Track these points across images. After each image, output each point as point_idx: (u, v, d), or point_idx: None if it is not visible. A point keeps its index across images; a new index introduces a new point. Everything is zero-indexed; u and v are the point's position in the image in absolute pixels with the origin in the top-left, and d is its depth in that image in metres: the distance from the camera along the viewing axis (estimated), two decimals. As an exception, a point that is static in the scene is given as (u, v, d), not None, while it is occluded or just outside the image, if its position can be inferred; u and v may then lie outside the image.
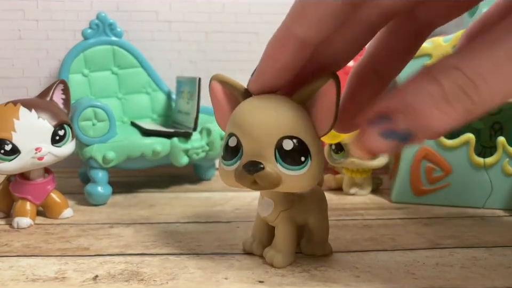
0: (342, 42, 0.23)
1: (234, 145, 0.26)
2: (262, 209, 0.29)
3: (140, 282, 0.27)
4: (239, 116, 0.26)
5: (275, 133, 0.25)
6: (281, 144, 0.25)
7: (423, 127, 0.19)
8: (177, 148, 0.44)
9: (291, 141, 0.25)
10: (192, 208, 0.42)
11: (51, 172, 0.39)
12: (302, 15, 0.21)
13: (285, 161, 0.25)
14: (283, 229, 0.29)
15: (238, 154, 0.26)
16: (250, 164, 0.25)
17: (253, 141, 0.25)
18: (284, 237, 0.29)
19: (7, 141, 0.34)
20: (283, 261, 0.29)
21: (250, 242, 0.31)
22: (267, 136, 0.25)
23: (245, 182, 0.25)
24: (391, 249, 0.32)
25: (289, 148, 0.24)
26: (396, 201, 0.43)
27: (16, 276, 0.27)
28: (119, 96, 0.54)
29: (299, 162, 0.25)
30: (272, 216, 0.29)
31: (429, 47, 0.40)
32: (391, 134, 0.19)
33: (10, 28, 0.55)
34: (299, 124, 0.25)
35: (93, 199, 0.42)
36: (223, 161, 0.27)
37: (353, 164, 0.44)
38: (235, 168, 0.26)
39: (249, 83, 0.26)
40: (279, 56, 0.23)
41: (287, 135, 0.25)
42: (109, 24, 0.52)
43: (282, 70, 0.24)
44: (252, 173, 0.25)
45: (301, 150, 0.25)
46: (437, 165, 0.41)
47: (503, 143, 0.40)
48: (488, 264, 0.29)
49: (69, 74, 0.50)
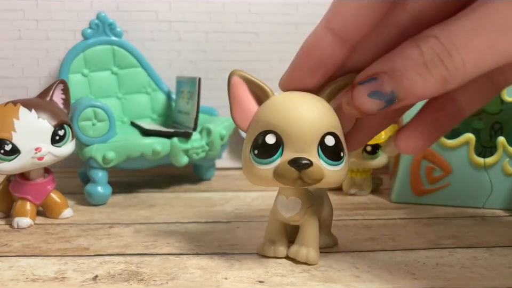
0: (373, 45, 0.23)
1: (273, 143, 0.25)
2: (287, 209, 0.29)
3: (140, 282, 0.27)
4: (278, 113, 0.25)
5: (319, 129, 0.25)
6: (323, 140, 0.25)
7: (405, 90, 0.21)
8: (177, 148, 0.44)
9: (332, 137, 0.25)
10: (192, 208, 0.42)
11: (51, 172, 0.39)
12: (340, 11, 0.22)
13: (327, 157, 0.25)
14: (312, 225, 0.29)
15: (277, 151, 0.25)
16: (298, 160, 0.25)
17: (298, 137, 0.25)
18: (313, 233, 0.29)
19: (7, 141, 0.34)
20: (317, 257, 0.29)
21: (270, 247, 0.30)
22: (312, 132, 0.25)
23: (289, 179, 0.25)
24: (391, 249, 0.32)
25: (331, 144, 0.25)
26: (396, 201, 0.43)
27: (16, 276, 0.27)
28: (119, 96, 0.53)
29: (339, 157, 0.25)
30: (299, 214, 0.29)
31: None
32: (378, 94, 0.21)
33: (10, 28, 0.55)
34: (336, 120, 0.26)
35: (93, 199, 0.42)
36: (256, 159, 0.26)
37: (353, 164, 0.44)
38: (276, 165, 0.25)
39: (282, 79, 0.26)
40: (316, 52, 0.23)
41: (329, 131, 0.25)
42: (108, 24, 0.52)
43: (318, 66, 0.24)
44: (301, 169, 0.25)
45: (340, 145, 0.26)
46: (437, 165, 0.41)
47: (503, 143, 0.40)
48: (489, 264, 0.29)
49: (68, 74, 0.50)
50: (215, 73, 0.57)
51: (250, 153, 0.26)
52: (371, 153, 0.44)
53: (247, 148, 0.26)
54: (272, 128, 0.25)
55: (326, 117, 0.25)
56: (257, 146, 0.26)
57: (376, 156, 0.44)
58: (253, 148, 0.26)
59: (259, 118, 0.26)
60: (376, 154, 0.44)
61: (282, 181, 0.25)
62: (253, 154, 0.26)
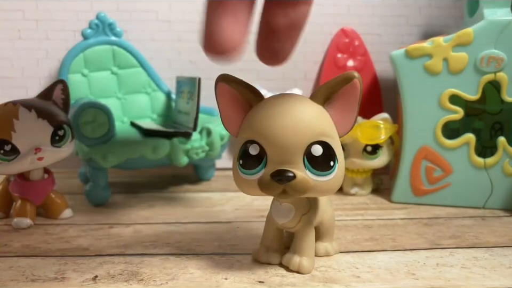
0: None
1: (256, 154, 0.24)
2: (280, 215, 0.28)
3: (140, 283, 0.27)
4: (261, 122, 0.24)
5: (304, 139, 0.23)
6: (310, 150, 0.23)
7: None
8: (177, 148, 0.44)
9: (320, 146, 0.24)
10: (192, 208, 0.42)
11: (51, 172, 0.39)
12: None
13: (314, 168, 0.24)
14: (306, 233, 0.28)
15: (261, 162, 0.24)
16: (280, 173, 0.23)
17: (280, 148, 0.23)
18: (307, 241, 0.28)
19: (7, 141, 0.34)
20: (310, 266, 0.28)
21: (264, 253, 0.29)
22: (295, 143, 0.23)
23: (273, 192, 0.24)
24: (392, 249, 0.32)
25: (319, 154, 0.24)
26: (396, 201, 0.43)
27: (15, 276, 0.27)
28: (118, 96, 0.53)
29: (328, 167, 0.24)
30: (293, 221, 0.28)
31: (429, 47, 0.39)
32: None
33: (10, 28, 0.54)
34: (325, 127, 0.24)
35: (93, 199, 0.42)
36: (241, 169, 0.25)
37: (353, 164, 0.44)
38: (259, 177, 0.24)
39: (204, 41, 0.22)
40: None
41: (315, 140, 0.24)
42: (108, 24, 0.52)
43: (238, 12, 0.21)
44: (283, 182, 0.23)
45: (330, 154, 0.24)
46: (437, 165, 0.41)
47: (503, 143, 0.40)
48: (489, 264, 0.29)
49: (68, 74, 0.50)
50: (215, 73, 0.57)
51: (237, 162, 0.25)
52: (371, 153, 0.44)
53: (235, 156, 0.26)
54: (255, 139, 0.24)
55: (314, 125, 0.24)
56: (241, 156, 0.25)
57: (376, 156, 0.44)
58: (239, 157, 0.25)
59: (245, 125, 0.25)
60: (376, 155, 0.44)
61: (267, 192, 0.24)
62: (239, 164, 0.25)
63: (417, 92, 0.40)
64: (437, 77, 0.40)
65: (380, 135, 0.43)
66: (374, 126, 0.43)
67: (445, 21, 0.58)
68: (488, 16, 0.39)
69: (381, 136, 0.43)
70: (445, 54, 0.39)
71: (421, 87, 0.40)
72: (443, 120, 0.40)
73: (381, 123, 0.43)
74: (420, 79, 0.40)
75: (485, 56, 0.39)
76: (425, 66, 0.40)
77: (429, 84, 0.40)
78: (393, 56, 0.41)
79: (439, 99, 0.40)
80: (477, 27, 0.39)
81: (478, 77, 0.39)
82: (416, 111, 0.41)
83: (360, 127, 0.43)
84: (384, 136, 0.43)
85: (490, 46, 0.39)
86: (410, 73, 0.40)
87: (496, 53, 0.38)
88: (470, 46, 0.39)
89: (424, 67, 0.40)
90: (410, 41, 0.56)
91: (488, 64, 0.39)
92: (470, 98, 0.40)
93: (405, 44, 0.50)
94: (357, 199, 0.45)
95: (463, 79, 0.39)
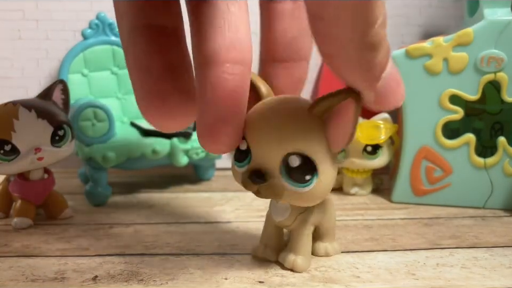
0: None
1: (244, 149, 0.24)
2: (277, 213, 0.29)
3: (140, 283, 0.27)
4: (250, 121, 0.24)
5: (282, 148, 0.23)
6: (287, 160, 0.23)
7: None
8: (177, 148, 0.44)
9: (298, 158, 0.23)
10: (192, 208, 0.42)
11: (51, 172, 0.39)
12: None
13: (290, 177, 0.24)
14: (301, 232, 0.28)
15: (246, 158, 0.25)
16: (255, 174, 0.24)
17: (261, 150, 0.24)
18: (303, 240, 0.28)
19: (7, 141, 0.34)
20: (305, 265, 0.28)
21: (263, 249, 0.30)
22: (274, 150, 0.23)
23: (249, 189, 0.25)
24: (392, 249, 0.32)
25: (295, 166, 0.23)
26: (396, 201, 0.43)
27: (15, 276, 0.27)
28: (118, 96, 0.53)
29: (303, 180, 0.24)
30: (289, 220, 0.28)
31: (429, 47, 0.39)
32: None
33: (10, 28, 0.55)
34: (309, 140, 0.23)
35: (93, 199, 0.42)
36: (234, 160, 0.26)
37: (353, 164, 0.44)
38: (243, 171, 0.25)
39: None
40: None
41: (294, 151, 0.23)
42: (108, 24, 0.52)
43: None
44: (256, 183, 0.24)
45: (307, 168, 0.24)
46: (437, 165, 0.41)
47: (503, 143, 0.40)
48: (489, 264, 0.29)
49: (68, 74, 0.50)
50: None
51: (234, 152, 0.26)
52: (371, 153, 0.44)
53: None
54: (245, 135, 0.24)
55: (296, 137, 0.23)
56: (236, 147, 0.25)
57: (377, 156, 0.44)
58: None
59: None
60: (376, 154, 0.44)
61: (245, 188, 0.25)
62: (234, 153, 0.26)
63: (417, 92, 0.40)
64: (437, 77, 0.40)
65: (380, 135, 0.43)
66: (374, 126, 0.43)
67: (445, 21, 0.58)
68: (488, 16, 0.39)
69: (381, 136, 0.43)
70: (445, 54, 0.39)
71: (421, 87, 0.40)
72: (443, 120, 0.40)
73: (381, 123, 0.43)
74: (420, 79, 0.40)
75: (485, 56, 0.39)
76: (425, 66, 0.40)
77: (429, 84, 0.40)
78: (393, 56, 0.41)
79: (439, 99, 0.40)
80: (477, 27, 0.39)
81: (478, 77, 0.39)
82: (416, 111, 0.41)
83: (360, 127, 0.43)
84: (384, 136, 0.43)
85: (491, 46, 0.39)
86: (411, 73, 0.40)
87: (496, 53, 0.38)
88: (470, 46, 0.39)
89: (424, 67, 0.40)
90: (410, 41, 0.56)
91: (488, 64, 0.39)
92: (470, 98, 0.40)
93: (405, 43, 0.50)
94: (357, 199, 0.45)
95: (463, 79, 0.39)
